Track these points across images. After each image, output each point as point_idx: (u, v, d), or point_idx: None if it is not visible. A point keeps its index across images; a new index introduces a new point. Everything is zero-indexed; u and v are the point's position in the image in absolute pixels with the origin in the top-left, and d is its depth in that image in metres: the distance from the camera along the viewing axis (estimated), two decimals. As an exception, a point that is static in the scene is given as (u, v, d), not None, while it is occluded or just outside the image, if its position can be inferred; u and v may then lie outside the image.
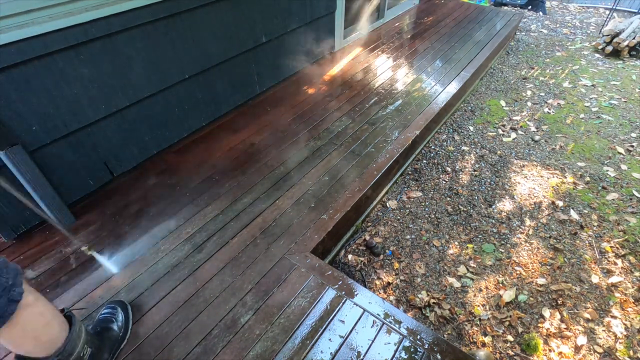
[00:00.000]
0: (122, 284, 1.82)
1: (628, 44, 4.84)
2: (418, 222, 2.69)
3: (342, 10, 3.84)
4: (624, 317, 2.12)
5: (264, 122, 2.96)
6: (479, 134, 3.55)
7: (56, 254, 1.97)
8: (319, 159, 2.60)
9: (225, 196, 2.30)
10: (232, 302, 1.73)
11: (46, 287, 1.81)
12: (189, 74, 2.54)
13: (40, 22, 1.71)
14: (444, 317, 2.12)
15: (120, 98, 2.20)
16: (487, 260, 2.43)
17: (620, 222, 2.66)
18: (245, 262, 1.92)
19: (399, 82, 3.55)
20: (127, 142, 2.37)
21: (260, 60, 3.11)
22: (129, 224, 2.14)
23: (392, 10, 4.98)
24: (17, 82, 1.74)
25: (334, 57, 4.00)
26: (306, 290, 1.78)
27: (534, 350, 1.97)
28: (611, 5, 6.02)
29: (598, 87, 4.33)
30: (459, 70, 3.75)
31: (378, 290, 2.27)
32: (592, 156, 3.29)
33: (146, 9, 2.09)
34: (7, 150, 1.72)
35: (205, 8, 2.44)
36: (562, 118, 3.80)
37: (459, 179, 3.04)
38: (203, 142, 2.76)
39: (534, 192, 2.92)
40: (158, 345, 1.57)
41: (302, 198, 2.30)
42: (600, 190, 2.93)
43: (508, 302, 2.18)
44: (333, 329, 1.64)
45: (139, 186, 2.38)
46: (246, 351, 1.55)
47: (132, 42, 2.13)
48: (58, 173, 2.06)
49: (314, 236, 2.06)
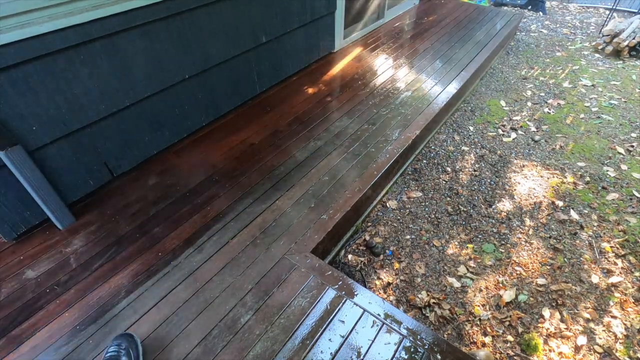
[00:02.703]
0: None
1: (628, 44, 4.84)
2: (418, 222, 2.69)
3: (342, 10, 3.84)
4: (624, 317, 2.12)
5: (264, 122, 2.96)
6: (479, 134, 3.55)
7: (56, 254, 1.97)
8: (319, 159, 2.60)
9: (225, 196, 2.30)
10: (232, 302, 1.73)
11: (46, 287, 1.81)
12: (189, 74, 2.54)
13: (40, 22, 1.71)
14: (444, 317, 2.11)
15: (120, 98, 2.20)
16: (487, 260, 2.42)
17: (620, 222, 2.66)
18: (245, 262, 1.92)
19: (399, 82, 3.55)
20: (127, 142, 2.37)
21: (260, 60, 3.11)
22: (129, 224, 2.14)
23: (392, 10, 4.98)
24: (17, 82, 1.74)
25: (334, 57, 4.00)
26: (306, 291, 1.78)
27: (534, 350, 1.97)
28: (611, 5, 6.02)
29: (598, 87, 4.33)
30: (459, 70, 3.75)
31: (378, 290, 2.27)
32: (592, 156, 3.29)
33: (146, 9, 2.09)
34: (7, 151, 1.72)
35: (205, 8, 2.44)
36: (562, 118, 3.80)
37: (459, 179, 3.04)
38: (203, 142, 2.76)
39: (534, 192, 2.92)
40: (158, 345, 1.57)
41: (302, 198, 2.30)
42: (600, 190, 2.93)
43: (508, 302, 2.18)
44: (333, 329, 1.64)
45: (139, 186, 2.38)
46: (246, 351, 1.55)
47: (132, 42, 2.13)
48: (58, 173, 2.06)
49: (314, 236, 2.06)
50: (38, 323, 1.67)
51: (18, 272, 1.87)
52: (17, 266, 1.90)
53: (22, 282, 1.83)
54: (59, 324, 1.66)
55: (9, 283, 1.82)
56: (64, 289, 1.80)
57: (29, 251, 1.98)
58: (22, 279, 1.84)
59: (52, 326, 1.65)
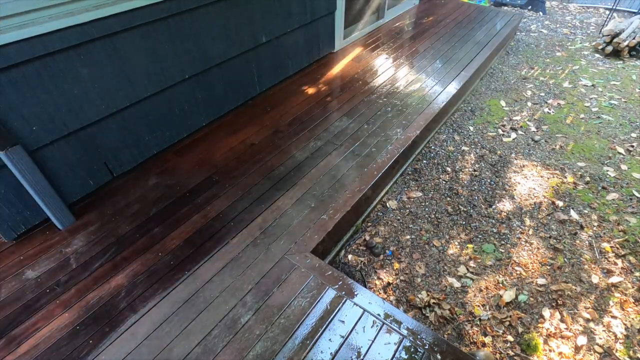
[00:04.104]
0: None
1: (628, 44, 4.84)
2: (418, 222, 2.68)
3: (342, 10, 3.84)
4: (624, 317, 2.12)
5: (264, 122, 2.96)
6: (479, 134, 3.55)
7: (56, 254, 1.97)
8: (319, 159, 2.60)
9: (225, 196, 2.30)
10: (232, 302, 1.73)
11: (46, 287, 1.81)
12: (189, 74, 2.54)
13: (41, 22, 1.71)
14: (444, 317, 2.11)
15: (120, 98, 2.20)
16: (487, 260, 2.42)
17: (621, 222, 2.66)
18: (245, 262, 1.92)
19: (399, 82, 3.55)
20: (127, 142, 2.37)
21: (260, 60, 3.11)
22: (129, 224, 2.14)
23: (392, 10, 4.98)
24: (17, 82, 1.74)
25: (334, 57, 4.00)
26: (306, 291, 1.78)
27: (534, 350, 1.97)
28: (611, 5, 6.02)
29: (598, 87, 4.33)
30: (459, 71, 3.75)
31: (378, 290, 2.27)
32: (592, 156, 3.28)
33: (146, 9, 2.09)
34: (7, 151, 1.72)
35: (205, 8, 2.44)
36: (562, 118, 3.80)
37: (459, 179, 3.04)
38: (203, 142, 2.76)
39: (534, 192, 2.92)
40: (158, 345, 1.57)
41: (302, 198, 2.30)
42: (600, 190, 2.93)
43: (508, 302, 2.18)
44: (333, 329, 1.64)
45: (139, 186, 2.38)
46: (246, 351, 1.55)
47: (132, 42, 2.13)
48: (58, 173, 2.06)
49: (314, 236, 2.06)
50: (38, 323, 1.67)
51: (18, 272, 1.87)
52: (17, 266, 1.90)
53: (22, 282, 1.83)
54: (59, 324, 1.66)
55: (9, 283, 1.82)
56: (64, 289, 1.80)
57: (29, 251, 1.98)
58: (22, 279, 1.84)
59: (52, 326, 1.65)
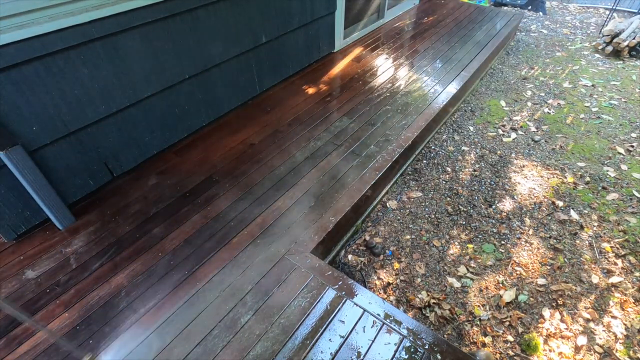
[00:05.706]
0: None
1: (628, 44, 4.84)
2: (418, 222, 2.68)
3: (342, 10, 3.84)
4: (624, 317, 2.12)
5: (264, 122, 2.96)
6: (479, 134, 3.55)
7: (56, 254, 1.97)
8: (319, 159, 2.60)
9: (225, 196, 2.30)
10: (232, 302, 1.73)
11: (46, 287, 1.81)
12: (189, 74, 2.54)
13: (41, 22, 1.71)
14: (444, 318, 2.11)
15: (120, 98, 2.20)
16: (487, 260, 2.42)
17: (621, 222, 2.66)
18: (245, 262, 1.92)
19: (399, 82, 3.55)
20: (127, 142, 2.37)
21: (261, 61, 3.11)
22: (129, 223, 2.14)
23: (392, 10, 4.98)
24: (17, 82, 1.74)
25: (334, 57, 4.00)
26: (306, 291, 1.78)
27: (534, 350, 1.97)
28: (611, 5, 6.02)
29: (598, 87, 4.33)
30: (459, 71, 3.75)
31: (378, 290, 2.27)
32: (592, 156, 3.28)
33: (146, 9, 2.09)
34: (7, 151, 1.72)
35: (205, 8, 2.44)
36: (562, 118, 3.80)
37: (459, 179, 3.04)
38: (203, 142, 2.76)
39: (534, 192, 2.92)
40: (158, 345, 1.57)
41: (302, 198, 2.30)
42: (600, 191, 2.93)
43: (508, 302, 2.18)
44: (333, 329, 1.64)
45: (139, 186, 2.38)
46: (246, 351, 1.55)
47: (132, 42, 2.13)
48: (58, 173, 2.06)
49: (314, 236, 2.06)
50: (38, 323, 1.67)
51: (18, 272, 1.87)
52: (17, 266, 1.90)
53: (22, 282, 1.83)
54: (59, 324, 1.66)
55: (9, 283, 1.82)
56: (64, 289, 1.80)
57: (29, 251, 1.98)
58: (22, 279, 1.84)
59: (52, 326, 1.65)
